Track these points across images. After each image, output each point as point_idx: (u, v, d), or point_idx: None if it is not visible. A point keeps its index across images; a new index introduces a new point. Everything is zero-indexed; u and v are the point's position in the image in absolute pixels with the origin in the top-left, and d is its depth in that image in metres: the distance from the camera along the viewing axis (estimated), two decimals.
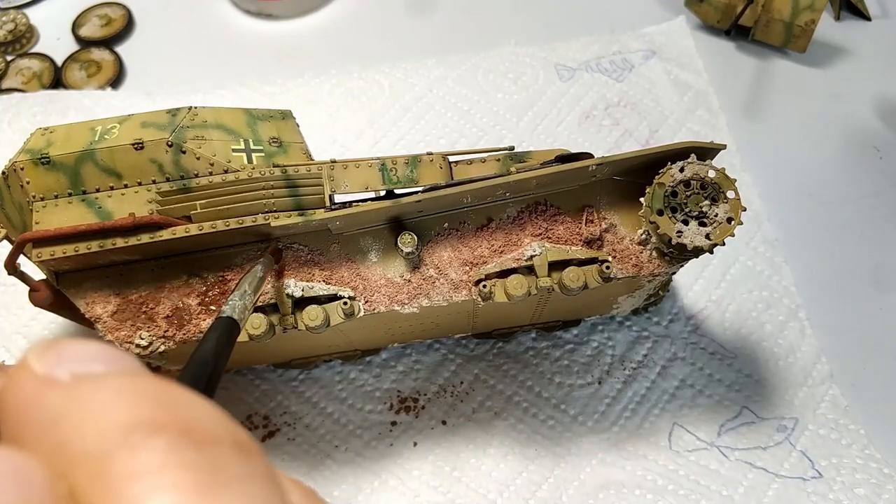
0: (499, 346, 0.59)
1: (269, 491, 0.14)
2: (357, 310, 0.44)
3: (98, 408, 0.13)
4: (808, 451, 0.54)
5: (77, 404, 0.13)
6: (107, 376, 0.14)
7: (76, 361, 0.14)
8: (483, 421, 0.56)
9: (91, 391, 0.14)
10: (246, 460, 0.14)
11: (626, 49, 0.76)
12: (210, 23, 0.81)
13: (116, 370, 0.15)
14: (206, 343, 0.28)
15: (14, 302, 0.61)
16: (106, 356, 0.15)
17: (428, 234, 0.45)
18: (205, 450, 0.13)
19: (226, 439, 0.14)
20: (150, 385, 0.14)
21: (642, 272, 0.44)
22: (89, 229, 0.41)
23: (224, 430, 0.14)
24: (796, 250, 0.64)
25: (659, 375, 0.58)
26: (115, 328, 0.44)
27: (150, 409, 0.13)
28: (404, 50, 0.77)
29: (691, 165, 0.42)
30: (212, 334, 0.30)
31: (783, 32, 0.74)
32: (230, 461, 0.13)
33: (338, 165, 0.44)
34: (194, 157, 0.43)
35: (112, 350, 0.15)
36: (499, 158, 0.47)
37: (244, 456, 0.14)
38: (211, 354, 0.27)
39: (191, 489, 0.12)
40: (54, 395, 0.14)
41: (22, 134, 0.69)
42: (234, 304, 0.33)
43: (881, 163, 0.70)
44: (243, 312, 0.33)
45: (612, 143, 0.70)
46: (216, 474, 0.13)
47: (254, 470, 0.14)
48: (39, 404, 0.14)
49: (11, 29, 0.78)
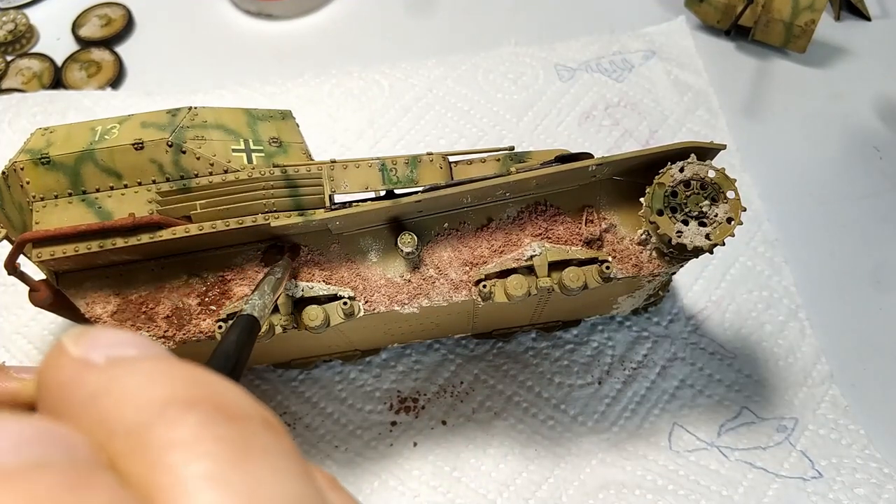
0: (499, 347, 0.59)
1: (296, 465, 0.14)
2: (357, 310, 0.44)
3: (134, 386, 0.14)
4: (808, 451, 0.54)
5: (115, 383, 0.14)
6: (140, 359, 0.15)
7: (110, 346, 0.15)
8: (483, 421, 0.56)
9: (126, 372, 0.14)
10: (275, 436, 0.14)
11: (626, 49, 0.76)
12: (210, 23, 0.81)
13: (148, 354, 0.15)
14: (228, 337, 0.29)
15: (14, 302, 0.61)
16: (137, 342, 0.16)
17: (428, 235, 0.45)
18: (236, 425, 0.14)
19: (255, 416, 0.14)
20: (181, 367, 0.15)
21: (642, 272, 0.44)
22: (89, 229, 0.41)
23: (253, 409, 0.15)
24: (796, 250, 0.64)
25: (659, 375, 0.58)
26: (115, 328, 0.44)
27: (184, 387, 0.14)
28: (404, 50, 0.77)
29: (691, 165, 0.42)
30: (233, 330, 0.30)
31: (783, 32, 0.74)
32: (260, 436, 0.14)
33: (338, 165, 0.44)
34: (194, 157, 0.43)
35: (141, 337, 0.16)
36: (499, 158, 0.47)
37: (273, 432, 0.14)
38: (233, 348, 0.28)
39: (224, 459, 0.13)
40: (92, 375, 0.14)
41: (22, 134, 0.69)
42: (254, 302, 0.34)
43: (881, 163, 0.70)
44: (263, 311, 0.34)
45: (612, 143, 0.70)
46: (247, 447, 0.13)
47: (282, 446, 0.14)
48: (78, 384, 0.14)
49: (11, 29, 0.78)
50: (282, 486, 0.13)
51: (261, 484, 0.13)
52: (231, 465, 0.13)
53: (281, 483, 0.13)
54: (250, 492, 0.13)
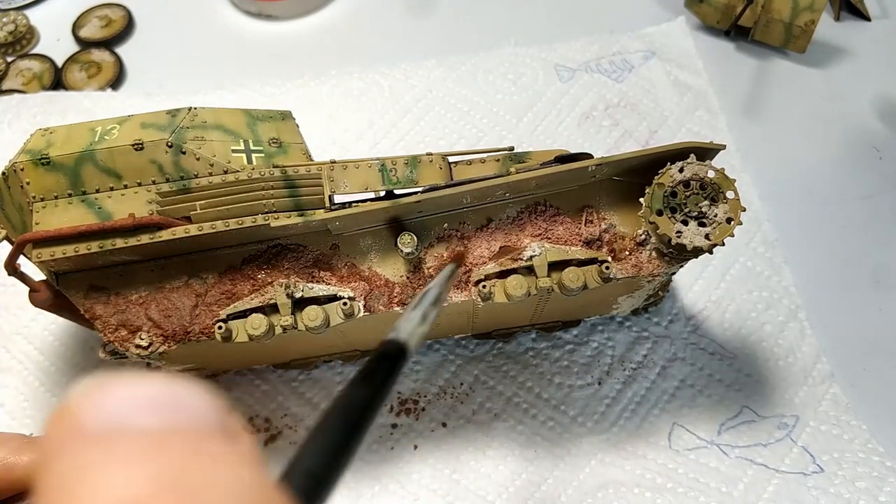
0: (499, 347, 0.59)
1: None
2: (357, 310, 0.44)
3: (104, 479, 0.12)
4: (809, 447, 0.54)
5: (87, 469, 0.12)
6: (138, 436, 0.12)
7: (121, 410, 0.13)
8: (483, 422, 0.56)
9: (109, 456, 0.12)
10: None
11: (625, 49, 0.76)
12: (210, 24, 0.81)
13: (160, 425, 0.13)
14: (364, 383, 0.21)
15: (14, 302, 0.61)
16: (165, 402, 0.13)
17: (428, 235, 0.45)
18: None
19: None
20: (179, 452, 0.12)
21: (642, 272, 0.44)
22: (89, 230, 0.41)
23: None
24: (796, 250, 0.64)
25: (659, 376, 0.58)
26: (115, 328, 0.44)
27: (156, 491, 0.11)
28: (404, 50, 0.77)
29: (691, 166, 0.42)
30: (381, 367, 0.22)
31: (783, 33, 0.74)
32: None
33: (337, 166, 0.44)
34: (194, 157, 0.43)
35: (177, 393, 0.13)
36: (498, 159, 0.47)
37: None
38: (361, 403, 0.20)
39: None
40: (75, 450, 0.12)
41: (22, 135, 0.69)
42: (410, 327, 0.25)
43: (881, 163, 0.70)
44: (413, 336, 0.25)
45: (612, 143, 0.70)
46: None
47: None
48: (59, 459, 0.12)
49: (12, 30, 0.78)
50: None
51: None
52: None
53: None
54: None
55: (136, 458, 0.12)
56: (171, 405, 0.13)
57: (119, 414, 0.12)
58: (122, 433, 0.12)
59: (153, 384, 0.13)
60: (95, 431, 0.12)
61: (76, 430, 0.12)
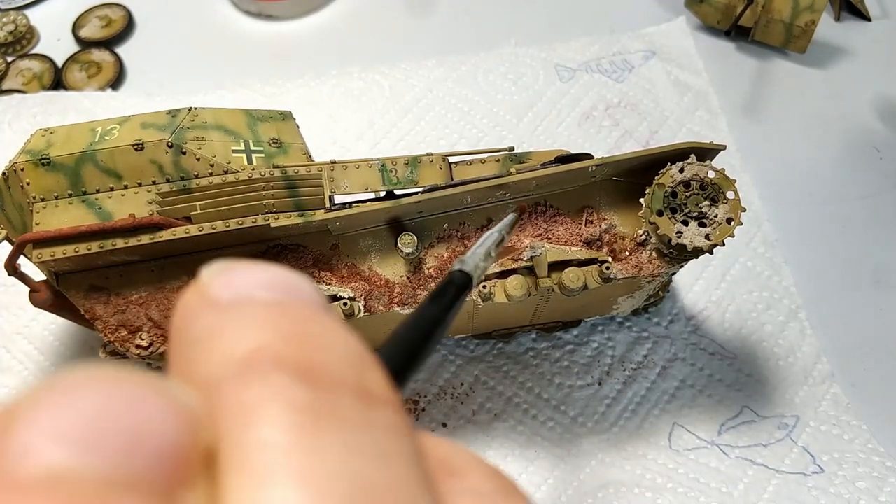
0: (499, 347, 0.59)
1: (384, 448, 0.12)
2: (357, 310, 0.44)
3: (233, 334, 0.13)
4: (809, 447, 0.54)
5: (217, 329, 0.13)
6: (262, 303, 0.14)
7: (246, 286, 0.14)
8: (483, 423, 0.56)
9: (236, 317, 0.13)
10: (368, 411, 0.13)
11: (626, 49, 0.76)
12: (210, 24, 0.81)
13: (279, 299, 0.14)
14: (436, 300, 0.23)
15: (14, 303, 0.61)
16: (280, 283, 0.14)
17: (428, 235, 0.45)
18: (320, 391, 0.12)
19: (350, 383, 0.13)
20: (297, 317, 0.14)
21: (642, 273, 0.44)
22: (89, 230, 0.41)
23: (351, 374, 0.13)
24: (796, 251, 0.64)
25: (659, 376, 0.58)
26: (116, 329, 0.44)
27: (281, 341, 0.13)
28: (404, 50, 0.77)
29: (691, 166, 0.42)
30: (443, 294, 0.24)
31: (783, 33, 0.74)
32: (347, 407, 0.12)
33: (338, 166, 0.44)
34: (194, 157, 0.43)
35: (291, 278, 0.15)
36: (499, 159, 0.47)
37: (367, 405, 0.13)
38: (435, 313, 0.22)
39: (287, 428, 0.11)
40: (207, 315, 0.14)
41: (22, 135, 0.69)
42: (475, 261, 0.28)
43: (881, 163, 0.70)
44: (476, 271, 0.28)
45: (612, 143, 0.70)
46: (323, 419, 0.12)
47: (374, 424, 0.12)
48: (192, 323, 0.14)
49: (12, 30, 0.78)
50: (352, 469, 0.11)
51: (324, 463, 0.11)
52: (296, 434, 0.11)
53: (352, 466, 0.11)
54: (309, 469, 0.11)
55: (262, 318, 0.13)
56: (287, 285, 0.14)
57: (244, 287, 0.14)
58: (248, 301, 0.14)
59: (270, 268, 0.15)
60: (224, 300, 0.14)
61: (207, 300, 0.14)
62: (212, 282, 0.14)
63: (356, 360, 0.13)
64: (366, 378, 0.13)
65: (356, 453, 0.12)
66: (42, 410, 0.11)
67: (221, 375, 0.12)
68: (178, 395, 0.12)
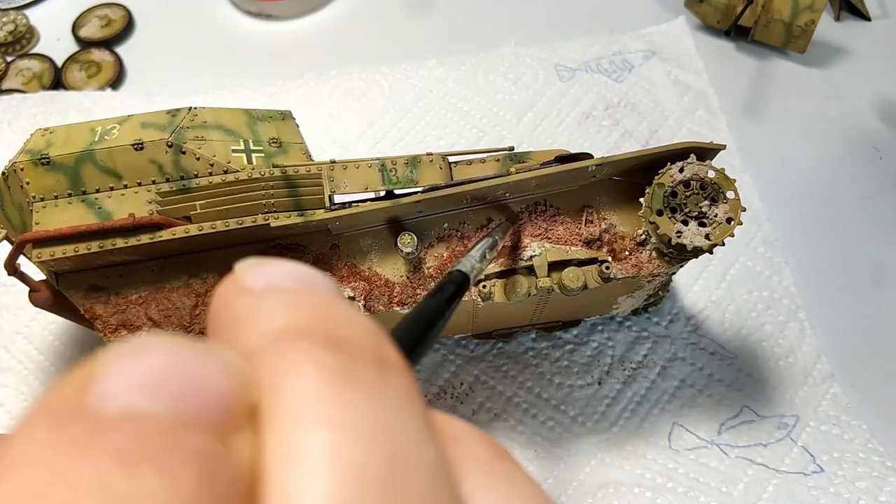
0: (499, 347, 0.59)
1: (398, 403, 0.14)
2: None
3: (267, 314, 0.15)
4: (809, 447, 0.54)
5: (253, 311, 0.15)
6: (289, 290, 0.16)
7: (275, 277, 0.16)
8: (483, 423, 0.56)
9: (269, 301, 0.15)
10: (384, 373, 0.14)
11: (625, 49, 0.76)
12: (210, 23, 0.81)
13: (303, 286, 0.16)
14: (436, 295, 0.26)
15: (14, 302, 0.61)
16: (303, 276, 0.17)
17: (428, 235, 0.45)
18: (344, 355, 0.14)
19: (369, 352, 0.15)
20: (318, 299, 0.16)
21: (642, 272, 0.44)
22: (89, 230, 0.41)
23: (370, 344, 0.15)
24: (796, 251, 0.64)
25: (659, 376, 0.58)
26: (116, 328, 0.44)
27: (307, 318, 0.15)
28: (404, 50, 0.77)
29: (691, 166, 0.42)
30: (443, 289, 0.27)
31: (783, 33, 0.74)
32: (367, 369, 0.14)
33: (337, 166, 0.44)
34: (194, 157, 0.43)
35: (310, 272, 0.17)
36: (498, 159, 0.47)
37: (383, 369, 0.15)
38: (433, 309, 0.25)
39: (317, 383, 0.13)
40: (243, 301, 0.15)
41: (22, 134, 0.69)
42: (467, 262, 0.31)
43: (881, 163, 0.70)
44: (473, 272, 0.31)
45: (612, 143, 0.70)
46: (347, 377, 0.14)
47: (389, 383, 0.14)
48: (230, 308, 0.16)
49: (12, 30, 0.78)
50: (373, 417, 0.13)
51: (350, 411, 0.13)
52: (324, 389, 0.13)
53: (372, 415, 0.13)
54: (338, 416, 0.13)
55: (292, 301, 0.15)
56: (308, 277, 0.16)
57: (273, 278, 0.16)
58: (278, 289, 0.16)
59: (293, 264, 0.17)
60: (256, 288, 0.16)
61: (242, 288, 0.16)
62: (245, 273, 0.16)
63: (373, 334, 0.15)
64: (382, 349, 0.15)
65: (376, 406, 0.13)
66: (119, 365, 0.13)
67: (261, 346, 0.14)
68: (227, 357, 0.14)
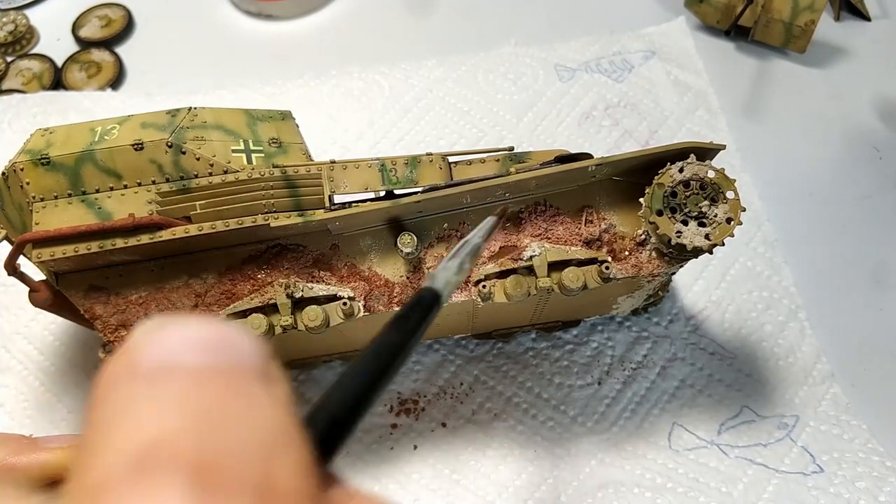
0: (498, 347, 0.59)
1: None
2: (357, 310, 0.44)
3: (139, 416, 0.12)
4: (809, 447, 0.54)
5: (130, 404, 0.13)
6: (182, 374, 0.13)
7: (176, 349, 0.14)
8: (483, 423, 0.56)
9: (150, 394, 0.13)
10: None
11: (625, 49, 0.76)
12: (210, 23, 0.81)
13: (208, 363, 0.14)
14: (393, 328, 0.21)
15: (14, 302, 0.61)
16: (216, 344, 0.14)
17: (427, 235, 0.45)
18: (209, 493, 0.11)
19: (251, 483, 0.12)
20: (217, 390, 0.13)
21: (642, 272, 0.44)
22: (89, 230, 0.41)
23: (256, 470, 0.12)
24: (796, 251, 0.64)
25: (659, 376, 0.58)
26: (115, 329, 0.44)
27: (182, 431, 0.12)
28: (404, 50, 0.77)
29: (691, 166, 0.42)
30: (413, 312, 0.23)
31: (783, 33, 0.74)
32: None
33: (337, 166, 0.44)
34: (194, 157, 0.43)
35: (229, 336, 0.15)
36: (498, 159, 0.47)
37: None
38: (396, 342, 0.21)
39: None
40: (124, 387, 0.13)
41: (22, 135, 0.69)
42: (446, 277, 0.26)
43: (881, 163, 0.70)
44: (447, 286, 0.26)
45: (612, 143, 0.70)
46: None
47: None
48: (112, 394, 0.13)
49: (11, 30, 0.78)
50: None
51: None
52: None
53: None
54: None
55: (176, 395, 0.13)
56: (221, 346, 0.14)
57: (172, 352, 0.14)
58: (169, 371, 0.14)
59: (207, 326, 0.15)
60: (147, 369, 0.14)
61: (130, 368, 0.14)
62: (140, 345, 0.14)
63: (269, 445, 0.13)
64: (275, 469, 0.12)
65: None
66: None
67: (113, 475, 0.12)
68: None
